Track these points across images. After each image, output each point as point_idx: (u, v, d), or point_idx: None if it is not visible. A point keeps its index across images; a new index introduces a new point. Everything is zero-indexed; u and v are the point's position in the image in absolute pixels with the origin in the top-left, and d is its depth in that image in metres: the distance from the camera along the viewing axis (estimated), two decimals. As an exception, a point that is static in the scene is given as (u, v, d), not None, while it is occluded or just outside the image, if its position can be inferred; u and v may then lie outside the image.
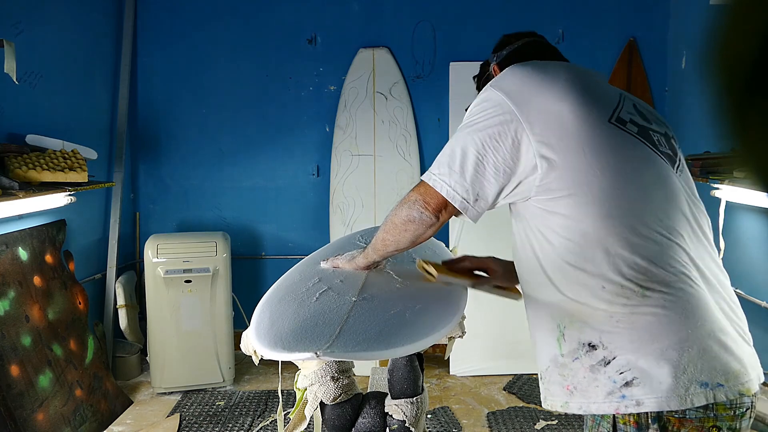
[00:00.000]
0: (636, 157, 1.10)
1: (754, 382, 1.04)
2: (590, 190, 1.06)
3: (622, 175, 1.07)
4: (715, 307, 1.06)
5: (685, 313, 1.03)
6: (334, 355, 1.09)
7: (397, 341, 1.15)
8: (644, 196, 1.07)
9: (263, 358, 1.81)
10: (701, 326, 1.02)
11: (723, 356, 1.02)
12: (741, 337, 1.09)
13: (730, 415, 1.01)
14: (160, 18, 3.77)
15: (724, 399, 1.00)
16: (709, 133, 3.15)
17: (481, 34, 3.74)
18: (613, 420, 1.07)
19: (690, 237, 1.10)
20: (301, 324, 1.19)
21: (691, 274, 1.06)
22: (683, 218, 1.10)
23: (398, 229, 1.22)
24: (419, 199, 1.17)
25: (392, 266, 1.54)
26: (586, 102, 1.09)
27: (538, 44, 1.38)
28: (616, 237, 1.05)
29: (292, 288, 1.42)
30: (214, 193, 3.88)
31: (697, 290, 1.05)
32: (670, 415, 1.01)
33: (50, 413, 2.60)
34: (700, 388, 1.00)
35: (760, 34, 0.34)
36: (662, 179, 1.11)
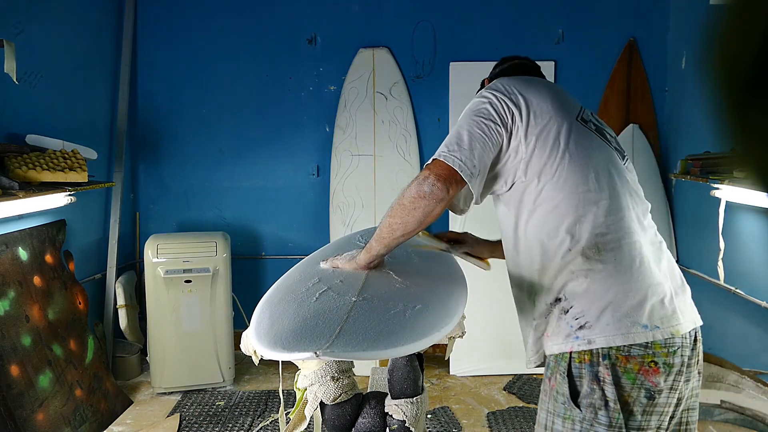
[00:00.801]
0: (595, 146, 1.36)
1: (683, 325, 1.26)
2: (561, 171, 1.30)
3: (585, 160, 1.32)
4: (654, 266, 1.29)
5: (630, 270, 1.26)
6: (334, 354, 1.09)
7: (397, 341, 1.15)
8: (601, 178, 1.32)
9: (263, 358, 1.81)
10: (642, 280, 1.26)
11: (658, 305, 1.25)
12: (675, 291, 1.30)
13: (664, 352, 1.22)
14: (160, 18, 3.77)
15: (660, 338, 1.22)
16: (709, 133, 3.15)
17: (481, 35, 3.74)
18: (569, 360, 1.26)
19: (636, 211, 1.34)
20: (301, 324, 1.19)
21: (636, 239, 1.30)
22: (629, 196, 1.35)
23: (407, 209, 1.28)
24: (430, 174, 1.27)
25: (392, 266, 1.54)
26: (560, 104, 1.36)
27: (525, 65, 1.64)
28: (580, 210, 1.29)
29: (292, 288, 1.41)
30: (214, 193, 3.88)
31: (640, 252, 1.28)
32: (618, 353, 1.22)
33: (50, 413, 2.60)
34: (641, 329, 1.22)
35: (760, 34, 0.34)
36: (615, 165, 1.37)
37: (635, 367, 1.21)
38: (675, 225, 3.56)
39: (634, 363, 1.21)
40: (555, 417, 1.29)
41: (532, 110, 1.32)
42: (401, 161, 3.72)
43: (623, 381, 1.21)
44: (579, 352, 1.25)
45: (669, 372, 1.23)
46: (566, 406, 1.26)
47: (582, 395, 1.24)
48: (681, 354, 1.24)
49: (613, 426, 1.21)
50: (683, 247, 3.51)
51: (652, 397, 1.22)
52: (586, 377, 1.24)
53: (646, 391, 1.22)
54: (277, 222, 3.90)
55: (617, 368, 1.22)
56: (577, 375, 1.26)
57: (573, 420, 1.25)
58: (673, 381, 1.24)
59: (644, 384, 1.21)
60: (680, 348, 1.24)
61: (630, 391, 1.22)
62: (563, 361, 1.27)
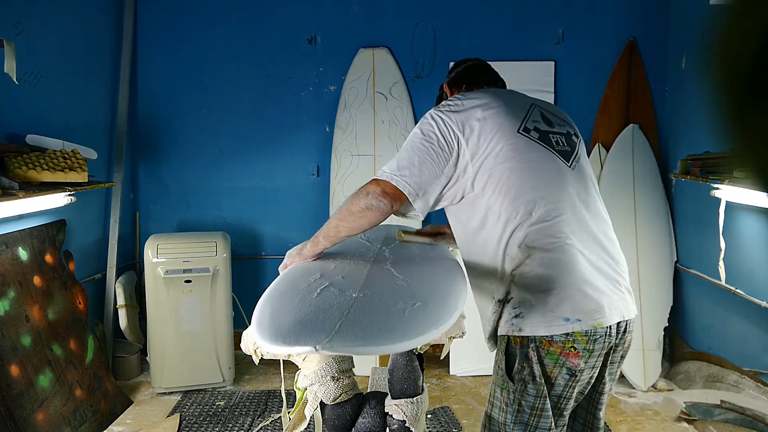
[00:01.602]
0: (534, 158, 1.48)
1: (608, 318, 1.41)
2: (502, 183, 1.45)
3: (523, 172, 1.46)
4: (583, 266, 1.43)
5: (557, 269, 1.42)
6: (333, 349, 1.10)
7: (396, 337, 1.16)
8: (537, 187, 1.45)
9: (263, 358, 1.82)
10: (566, 280, 1.41)
11: (581, 301, 1.40)
12: (605, 286, 1.45)
13: (584, 340, 1.40)
14: (160, 18, 3.78)
15: (579, 329, 1.38)
16: (709, 133, 3.15)
17: (480, 34, 3.74)
18: (507, 341, 1.48)
19: (572, 215, 1.46)
20: (302, 318, 1.20)
21: (566, 242, 1.43)
22: (567, 201, 1.47)
23: (355, 216, 1.46)
24: (377, 190, 1.44)
25: (393, 264, 1.55)
26: (499, 120, 1.49)
27: (478, 67, 1.81)
28: (519, 217, 1.44)
29: (294, 283, 1.43)
30: (214, 193, 3.88)
31: (567, 255, 1.42)
32: (543, 339, 1.41)
33: (50, 413, 2.60)
34: (563, 321, 1.39)
35: (760, 35, 0.34)
36: (554, 172, 1.49)
37: (557, 350, 1.41)
38: (675, 225, 3.56)
39: (556, 347, 1.41)
40: (496, 387, 1.52)
41: (476, 133, 1.47)
42: (401, 161, 3.72)
43: (546, 360, 1.42)
44: (513, 336, 1.46)
45: (590, 355, 1.42)
46: (504, 378, 1.49)
47: (515, 371, 1.46)
48: (603, 342, 1.42)
49: (539, 396, 1.44)
50: (683, 247, 3.51)
51: (573, 374, 1.43)
52: (519, 356, 1.45)
53: (567, 369, 1.42)
54: (277, 222, 3.90)
55: (541, 351, 1.42)
56: (512, 354, 1.47)
57: (508, 390, 1.48)
58: (595, 362, 1.45)
59: (565, 364, 1.42)
60: (603, 337, 1.41)
61: (552, 369, 1.43)
62: (503, 342, 1.49)
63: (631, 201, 3.55)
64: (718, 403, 2.87)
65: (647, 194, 3.56)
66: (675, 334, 3.60)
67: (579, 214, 1.48)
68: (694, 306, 3.44)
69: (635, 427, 2.97)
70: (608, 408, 3.16)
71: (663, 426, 2.98)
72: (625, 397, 3.30)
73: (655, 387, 3.38)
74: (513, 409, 1.47)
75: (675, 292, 3.53)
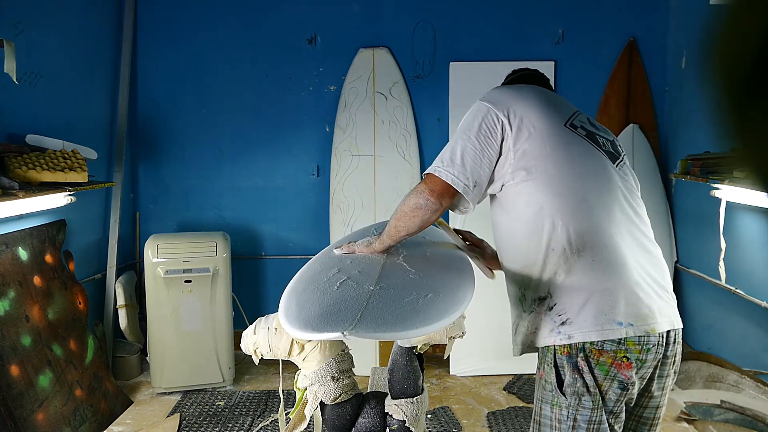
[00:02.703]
0: (582, 152, 1.44)
1: (660, 324, 1.34)
2: (546, 175, 1.39)
3: (570, 165, 1.41)
4: (633, 268, 1.36)
5: (608, 271, 1.34)
6: (359, 335, 1.20)
7: (412, 325, 1.27)
8: (585, 182, 1.41)
9: (263, 358, 1.82)
10: (618, 281, 1.33)
11: (634, 304, 1.33)
12: (654, 291, 1.38)
13: (637, 349, 1.31)
14: (160, 18, 3.77)
15: (633, 335, 1.31)
16: (709, 133, 3.15)
17: (481, 35, 3.74)
18: (554, 351, 1.38)
19: (621, 214, 1.41)
20: (326, 309, 1.31)
21: (615, 242, 1.37)
22: (615, 200, 1.42)
23: (407, 216, 1.47)
24: (425, 188, 1.44)
25: (406, 258, 1.63)
26: (548, 111, 1.45)
27: (531, 75, 1.72)
28: (562, 212, 1.38)
29: (314, 278, 1.52)
30: (214, 193, 3.88)
31: (618, 254, 1.36)
32: (593, 347, 1.32)
33: (50, 413, 2.60)
34: (615, 326, 1.31)
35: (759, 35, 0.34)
36: (600, 169, 1.44)
37: (608, 360, 1.32)
38: (675, 225, 3.56)
39: (607, 357, 1.32)
40: (543, 404, 1.41)
41: (519, 119, 1.43)
42: (401, 161, 3.72)
43: (596, 372, 1.33)
44: (560, 346, 1.37)
45: (641, 366, 1.34)
46: (553, 393, 1.38)
47: (566, 384, 1.36)
48: (655, 352, 1.34)
49: (596, 408, 1.34)
50: (683, 247, 3.51)
51: (625, 388, 1.34)
52: (568, 367, 1.36)
53: (619, 383, 1.33)
54: (277, 222, 3.90)
55: (591, 361, 1.33)
56: (560, 365, 1.37)
57: (560, 406, 1.37)
58: (644, 374, 1.36)
59: (617, 376, 1.33)
60: (655, 346, 1.34)
61: (603, 381, 1.34)
62: (549, 353, 1.39)
63: (631, 201, 3.55)
64: (718, 403, 2.87)
65: (647, 194, 3.52)
66: (675, 334, 3.59)
67: (627, 214, 1.43)
68: (694, 306, 3.44)
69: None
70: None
71: (663, 426, 2.97)
72: (625, 397, 3.30)
73: (655, 387, 3.38)
74: (568, 426, 1.36)
75: (675, 292, 3.51)
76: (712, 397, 3.00)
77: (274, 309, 1.59)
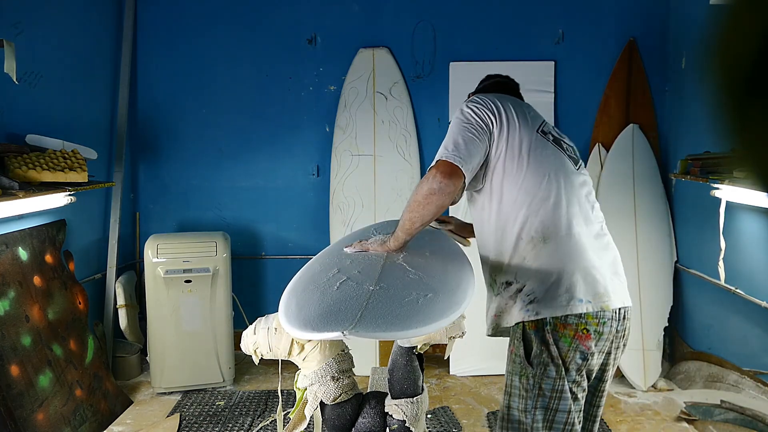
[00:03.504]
0: (550, 155, 1.64)
1: (613, 302, 1.54)
2: (519, 173, 1.59)
3: (540, 167, 1.60)
4: (590, 254, 1.57)
5: (569, 256, 1.55)
6: (359, 334, 1.21)
7: (411, 324, 1.28)
8: (552, 182, 1.59)
9: (263, 358, 1.82)
10: (578, 264, 1.54)
11: (592, 284, 1.53)
12: (608, 274, 1.58)
13: (595, 322, 1.52)
14: (159, 18, 3.77)
15: (591, 310, 1.51)
16: (709, 133, 3.15)
17: (481, 35, 3.74)
18: (523, 327, 1.56)
19: (579, 208, 1.62)
20: (326, 309, 1.32)
21: (576, 232, 1.57)
22: (576, 197, 1.63)
23: (422, 204, 1.54)
24: (436, 173, 1.52)
25: (406, 258, 1.64)
26: (523, 118, 1.65)
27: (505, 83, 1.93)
28: (533, 207, 1.58)
29: (314, 278, 1.53)
30: (214, 193, 3.88)
31: (578, 242, 1.56)
32: (557, 321, 1.51)
33: (50, 413, 2.60)
34: (577, 302, 1.51)
35: (759, 35, 0.34)
36: (565, 171, 1.64)
37: (571, 333, 1.51)
38: (675, 225, 3.56)
39: (570, 329, 1.51)
40: (513, 375, 1.59)
41: (504, 120, 1.62)
42: (401, 161, 3.72)
43: (560, 343, 1.52)
44: (529, 323, 1.55)
45: (599, 338, 1.53)
46: (522, 365, 1.56)
47: (533, 355, 1.54)
48: (610, 325, 1.54)
49: (559, 377, 1.52)
50: (683, 247, 3.51)
51: (585, 358, 1.53)
52: (536, 340, 1.54)
53: (580, 353, 1.52)
54: (277, 222, 3.90)
55: (556, 334, 1.52)
56: (529, 339, 1.56)
57: (527, 376, 1.55)
58: (602, 347, 1.55)
59: (579, 347, 1.52)
60: (610, 321, 1.53)
61: (567, 352, 1.52)
62: (518, 329, 1.58)
63: (631, 201, 3.55)
64: (718, 403, 2.87)
65: (647, 194, 3.56)
66: (675, 334, 3.60)
67: (585, 209, 1.63)
68: (694, 306, 3.44)
69: (635, 427, 2.97)
70: (608, 408, 3.16)
71: (663, 426, 2.98)
72: (625, 397, 3.30)
73: (655, 387, 3.38)
74: (533, 394, 1.54)
75: (675, 292, 3.53)
76: (712, 397, 3.00)
77: (274, 309, 1.59)
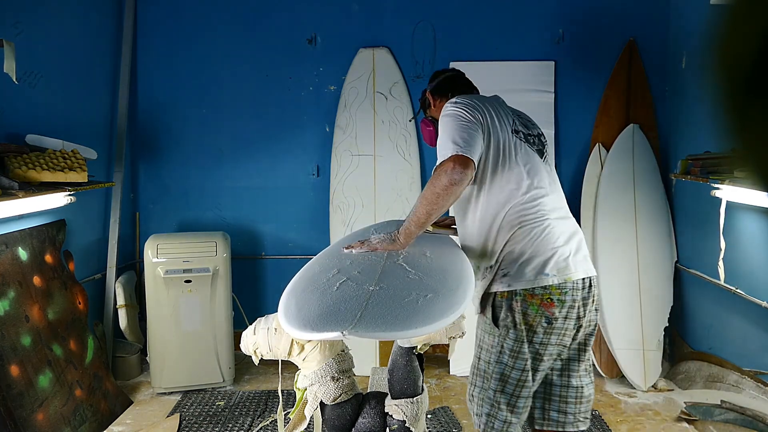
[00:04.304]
0: (523, 153, 1.84)
1: (575, 274, 1.76)
2: (501, 171, 1.80)
3: (516, 164, 1.81)
4: (557, 236, 1.79)
5: (539, 238, 1.77)
6: (359, 334, 1.22)
7: (411, 324, 1.29)
8: (524, 178, 1.80)
9: (263, 358, 1.81)
10: (547, 245, 1.77)
11: (557, 260, 1.76)
12: (571, 250, 1.80)
13: (558, 292, 1.75)
14: (159, 18, 3.77)
15: (555, 282, 1.74)
16: (709, 133, 3.15)
17: (481, 35, 3.74)
18: (494, 296, 1.80)
19: (547, 196, 1.83)
20: (326, 309, 1.32)
21: (545, 216, 1.79)
22: (543, 187, 1.83)
23: (442, 195, 1.64)
24: (453, 166, 1.63)
25: (405, 258, 1.65)
26: (500, 119, 1.83)
27: (457, 77, 2.13)
28: (510, 201, 1.79)
29: (313, 279, 1.53)
30: (214, 193, 3.88)
31: (547, 225, 1.78)
32: (526, 292, 1.75)
33: (50, 413, 2.60)
34: (543, 276, 1.74)
35: (760, 35, 0.34)
36: (534, 165, 1.84)
37: (537, 301, 1.75)
38: (675, 225, 3.56)
39: (536, 299, 1.75)
40: (484, 333, 1.85)
41: (488, 122, 1.79)
42: (401, 161, 3.72)
43: (529, 311, 1.76)
44: (501, 292, 1.78)
45: (562, 306, 1.75)
46: (490, 326, 1.82)
47: (500, 319, 1.79)
48: (572, 294, 1.76)
49: (518, 340, 1.77)
50: (683, 247, 3.51)
51: (550, 322, 1.76)
52: (504, 307, 1.78)
53: (545, 318, 1.76)
54: (277, 222, 3.90)
55: (524, 303, 1.75)
56: (498, 306, 1.80)
57: (494, 335, 1.81)
58: (567, 312, 1.76)
59: (544, 313, 1.75)
60: (571, 290, 1.76)
61: (534, 317, 1.76)
62: (490, 298, 1.82)
63: (631, 201, 3.55)
64: (718, 403, 2.87)
65: (647, 194, 3.56)
66: (675, 334, 3.59)
67: (552, 196, 1.85)
68: (694, 306, 3.44)
69: (635, 427, 2.97)
70: (608, 408, 3.16)
71: (663, 426, 2.98)
72: (626, 397, 3.30)
73: (656, 387, 3.38)
74: (496, 351, 1.80)
75: (675, 292, 3.53)
76: (712, 397, 3.00)
77: (274, 309, 1.59)
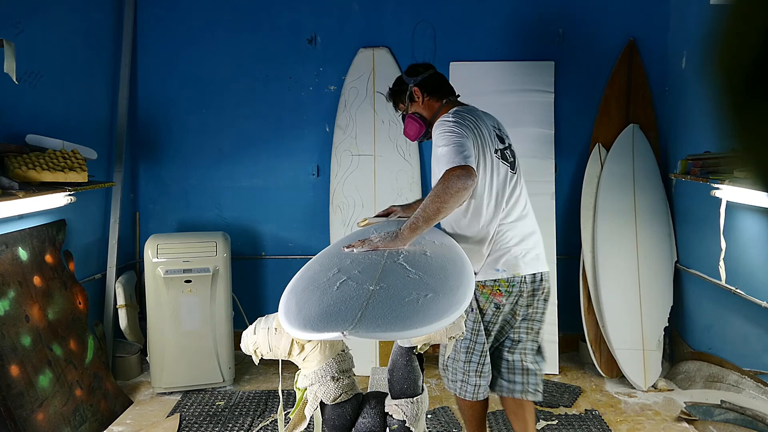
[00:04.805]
0: (502, 172, 2.10)
1: (524, 270, 2.10)
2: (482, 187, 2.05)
3: (494, 182, 2.07)
4: (511, 237, 2.10)
5: (498, 242, 2.09)
6: (359, 334, 1.21)
7: (412, 324, 1.28)
8: (493, 192, 2.07)
9: (263, 358, 1.82)
10: (502, 248, 2.09)
11: (509, 260, 2.09)
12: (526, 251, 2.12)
13: (506, 284, 2.10)
14: (160, 18, 3.77)
15: (504, 277, 2.09)
16: (709, 133, 3.15)
17: (481, 35, 3.74)
18: None
19: (515, 207, 2.12)
20: (326, 309, 1.32)
21: (505, 224, 2.10)
22: (515, 200, 2.13)
23: (455, 196, 1.79)
24: (463, 172, 1.80)
25: (405, 258, 1.64)
26: (483, 140, 2.06)
27: (441, 77, 2.31)
28: (487, 215, 2.08)
29: (314, 278, 1.53)
30: (214, 193, 3.88)
31: (506, 233, 2.10)
32: (480, 284, 2.10)
33: (50, 413, 2.60)
34: (494, 272, 2.09)
35: (760, 35, 0.34)
36: (505, 182, 2.11)
37: (488, 291, 2.11)
38: (675, 225, 3.56)
39: (487, 289, 2.11)
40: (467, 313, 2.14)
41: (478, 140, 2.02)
42: (401, 161, 3.72)
43: (480, 298, 2.13)
44: None
45: (509, 295, 2.11)
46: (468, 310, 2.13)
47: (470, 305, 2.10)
48: (519, 287, 2.10)
49: (476, 321, 2.15)
50: (683, 247, 3.51)
51: (498, 307, 2.13)
52: None
53: (494, 304, 2.12)
54: (277, 222, 3.90)
55: (476, 292, 2.11)
56: None
57: (467, 314, 2.10)
58: (513, 300, 2.12)
59: (493, 300, 2.12)
60: (518, 284, 2.10)
61: (485, 304, 2.13)
62: None
63: (631, 201, 3.55)
64: (718, 403, 2.87)
65: (647, 194, 3.56)
66: (675, 334, 3.59)
67: (518, 205, 2.13)
68: (694, 306, 3.44)
69: (635, 427, 2.97)
70: (608, 408, 3.16)
71: (663, 426, 2.98)
72: (625, 397, 3.30)
73: (656, 387, 3.38)
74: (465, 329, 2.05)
75: (675, 292, 3.53)
76: (712, 397, 3.00)
77: (274, 309, 1.59)
